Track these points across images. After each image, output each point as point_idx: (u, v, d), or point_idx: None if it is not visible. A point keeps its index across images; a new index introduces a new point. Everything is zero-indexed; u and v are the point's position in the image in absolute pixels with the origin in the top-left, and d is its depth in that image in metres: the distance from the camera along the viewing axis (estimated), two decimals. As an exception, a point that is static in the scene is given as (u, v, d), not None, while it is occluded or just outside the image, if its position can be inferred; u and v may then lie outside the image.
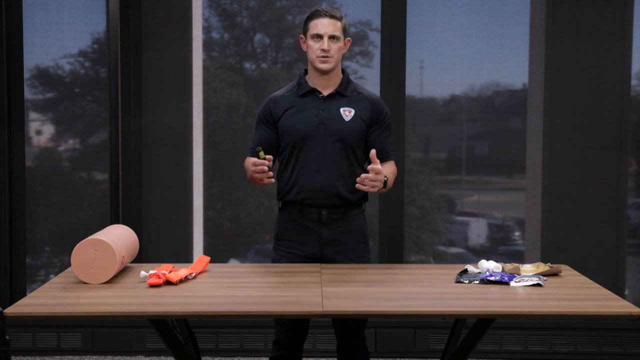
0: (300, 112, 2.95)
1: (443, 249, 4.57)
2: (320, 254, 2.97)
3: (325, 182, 2.90)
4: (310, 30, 2.93)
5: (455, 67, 4.39)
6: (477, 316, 2.46)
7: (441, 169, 4.53)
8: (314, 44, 2.92)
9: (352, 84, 3.01)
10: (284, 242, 3.01)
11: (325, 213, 2.93)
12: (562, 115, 4.30)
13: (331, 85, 2.98)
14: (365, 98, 2.99)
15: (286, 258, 2.99)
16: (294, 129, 2.94)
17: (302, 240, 2.97)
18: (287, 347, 3.01)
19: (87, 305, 2.35)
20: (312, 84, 2.98)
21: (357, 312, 2.35)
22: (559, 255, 4.27)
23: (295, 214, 2.98)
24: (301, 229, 2.97)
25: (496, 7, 4.36)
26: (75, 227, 4.47)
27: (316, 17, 2.92)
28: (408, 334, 4.30)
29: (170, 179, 4.38)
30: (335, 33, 2.90)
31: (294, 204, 2.97)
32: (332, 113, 2.94)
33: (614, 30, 4.26)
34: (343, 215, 2.96)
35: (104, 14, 4.32)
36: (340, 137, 2.92)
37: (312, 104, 2.95)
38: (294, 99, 2.98)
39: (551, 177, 4.33)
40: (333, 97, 2.96)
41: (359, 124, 2.94)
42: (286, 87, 3.06)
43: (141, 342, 4.32)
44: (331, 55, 2.90)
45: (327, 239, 2.95)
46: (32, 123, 4.51)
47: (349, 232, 2.98)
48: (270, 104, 3.01)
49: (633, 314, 2.30)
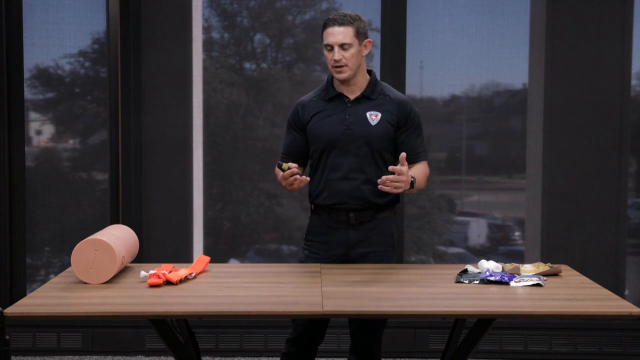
0: (327, 118, 2.95)
1: (443, 249, 4.57)
2: (346, 256, 2.97)
3: (352, 187, 2.91)
4: (323, 40, 2.92)
5: (455, 67, 4.39)
6: (477, 316, 2.46)
7: (441, 169, 4.53)
8: (327, 54, 2.91)
9: (379, 86, 3.00)
10: (312, 244, 3.03)
11: (353, 215, 2.94)
12: (562, 115, 4.30)
13: (357, 90, 2.97)
14: (392, 100, 2.97)
15: (313, 259, 3.00)
16: (321, 134, 2.94)
17: (329, 242, 2.98)
18: (300, 345, 3.01)
19: (87, 305, 2.35)
20: (338, 88, 2.98)
21: (357, 312, 2.35)
22: (559, 255, 4.27)
23: (325, 216, 2.99)
24: (329, 231, 2.98)
25: (496, 7, 4.36)
26: (75, 227, 4.47)
27: (327, 26, 2.90)
28: (408, 334, 4.30)
29: (170, 179, 4.38)
30: (345, 40, 2.86)
31: (324, 207, 2.98)
32: (359, 117, 2.93)
33: (614, 30, 4.26)
34: (372, 218, 2.96)
35: (104, 14, 4.32)
36: (367, 142, 2.91)
37: (339, 109, 2.95)
38: (321, 103, 2.98)
39: (551, 177, 4.32)
40: (359, 101, 2.96)
41: (385, 127, 2.93)
42: (314, 91, 3.06)
43: (141, 342, 4.32)
44: (344, 64, 2.87)
45: (355, 241, 2.96)
46: (32, 123, 4.51)
47: (377, 234, 2.97)
48: (298, 108, 3.02)
49: (633, 314, 2.30)
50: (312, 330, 2.99)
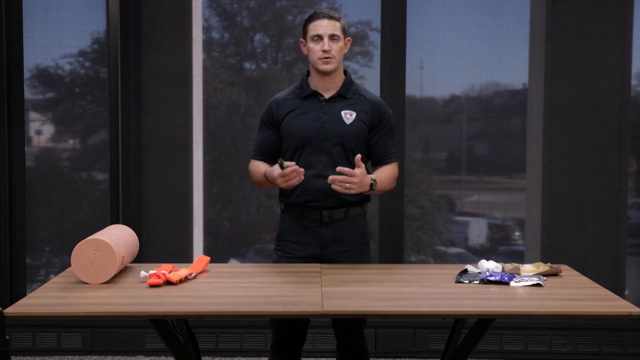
0: (302, 115, 2.95)
1: (443, 249, 4.57)
2: (321, 254, 2.97)
3: (325, 185, 2.89)
4: (310, 32, 2.93)
5: (455, 67, 4.39)
6: (477, 316, 2.46)
7: (441, 169, 4.53)
8: (314, 46, 2.91)
9: (354, 85, 3.01)
10: (284, 243, 3.02)
11: (326, 214, 2.94)
12: (562, 115, 4.30)
13: (333, 88, 2.98)
14: (367, 100, 2.98)
15: (286, 259, 2.99)
16: (295, 132, 2.94)
17: (303, 241, 2.97)
18: (284, 349, 3.00)
19: (87, 305, 2.35)
20: (314, 87, 2.98)
21: (357, 312, 2.35)
22: (559, 255, 4.27)
23: (297, 215, 2.98)
24: (302, 230, 2.97)
25: (496, 7, 4.36)
26: (75, 227, 4.47)
27: (315, 19, 2.92)
28: (408, 334, 4.30)
29: (170, 179, 4.38)
30: (335, 32, 2.91)
31: (296, 205, 2.97)
32: (333, 116, 2.94)
33: (614, 30, 4.26)
34: (344, 216, 2.96)
35: (104, 14, 4.32)
36: (341, 140, 2.92)
37: (314, 107, 2.96)
38: (296, 101, 2.99)
39: (551, 177, 4.32)
40: (334, 100, 2.96)
41: (360, 126, 2.94)
42: (289, 89, 3.06)
43: (141, 342, 4.32)
44: (332, 55, 2.90)
45: (328, 240, 2.96)
46: (32, 123, 4.51)
47: (350, 232, 2.98)
48: (273, 106, 3.02)
49: (633, 314, 2.30)
50: (293, 333, 2.99)
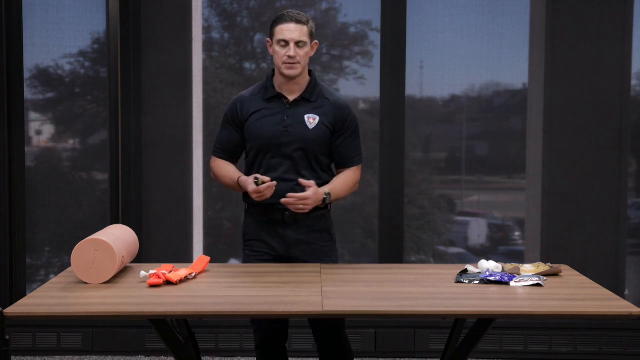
0: (265, 118, 2.94)
1: (443, 249, 4.57)
2: (288, 254, 2.98)
3: (287, 188, 2.88)
4: (276, 35, 2.89)
5: (455, 67, 4.39)
6: (477, 316, 2.46)
7: (441, 169, 4.53)
8: (280, 50, 2.88)
9: (318, 87, 2.99)
10: (251, 243, 3.02)
11: (288, 214, 2.93)
12: (562, 115, 4.30)
13: (297, 90, 2.96)
14: (330, 104, 2.97)
15: (255, 257, 3.00)
16: (258, 134, 2.94)
17: (268, 241, 2.98)
18: (269, 351, 3.02)
19: (87, 305, 2.35)
20: (278, 88, 2.97)
21: (357, 312, 2.35)
22: (559, 255, 4.26)
23: (260, 215, 2.99)
24: (266, 230, 2.98)
25: (496, 7, 4.36)
26: (75, 227, 4.47)
27: (282, 21, 2.88)
28: (408, 334, 4.30)
29: (170, 179, 4.38)
30: (302, 38, 2.87)
31: (259, 206, 2.97)
32: (296, 120, 2.93)
33: (614, 30, 4.26)
34: (307, 216, 2.95)
35: (104, 14, 4.32)
36: (303, 145, 2.92)
37: (277, 110, 2.95)
38: (260, 102, 2.97)
39: (551, 177, 4.32)
40: (298, 104, 2.95)
41: (322, 130, 2.94)
42: (253, 88, 3.04)
43: (141, 342, 4.31)
44: (297, 61, 2.88)
45: (292, 240, 2.96)
46: (32, 123, 4.51)
47: (314, 231, 2.98)
48: (237, 104, 3.00)
49: (633, 314, 2.30)
50: (274, 330, 3.00)
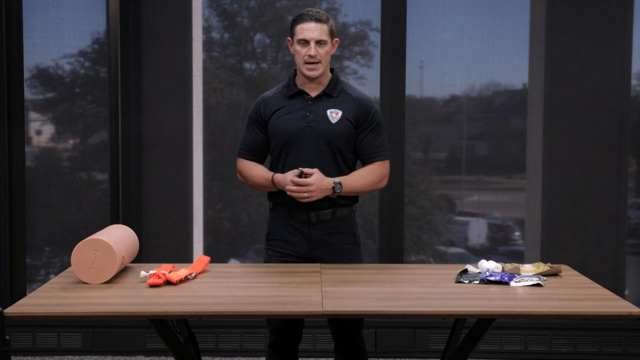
0: (288, 114, 2.94)
1: (443, 249, 4.57)
2: (310, 254, 2.97)
3: None
4: (297, 34, 2.90)
5: (455, 67, 4.39)
6: (477, 316, 2.46)
7: (441, 169, 4.53)
8: (301, 49, 2.89)
9: (340, 84, 2.99)
10: (274, 242, 3.02)
11: (313, 215, 2.93)
12: (562, 115, 4.30)
13: (319, 87, 2.97)
14: (352, 99, 2.97)
15: (276, 258, 2.99)
16: (281, 131, 2.94)
17: (291, 241, 2.97)
18: (281, 350, 3.01)
19: (87, 305, 2.35)
20: (300, 85, 2.97)
21: (357, 312, 2.35)
22: (559, 255, 4.26)
23: (285, 214, 2.98)
24: (291, 230, 2.97)
25: (496, 7, 4.36)
26: (75, 227, 4.47)
27: (302, 21, 2.89)
28: (408, 334, 4.30)
29: (170, 179, 4.38)
30: (322, 37, 2.87)
31: (284, 205, 2.97)
32: (319, 115, 2.93)
33: (614, 30, 4.26)
34: (332, 217, 2.95)
35: (104, 14, 4.32)
36: (327, 140, 2.91)
37: (300, 106, 2.95)
38: (282, 100, 2.98)
39: (551, 177, 4.33)
40: (320, 99, 2.95)
41: (345, 125, 2.93)
42: (277, 88, 3.05)
43: (141, 342, 4.32)
44: (318, 60, 2.88)
45: (316, 241, 2.95)
46: (32, 123, 4.51)
47: (338, 233, 2.97)
48: (260, 104, 3.02)
49: (633, 314, 2.30)
50: (289, 331, 2.99)
